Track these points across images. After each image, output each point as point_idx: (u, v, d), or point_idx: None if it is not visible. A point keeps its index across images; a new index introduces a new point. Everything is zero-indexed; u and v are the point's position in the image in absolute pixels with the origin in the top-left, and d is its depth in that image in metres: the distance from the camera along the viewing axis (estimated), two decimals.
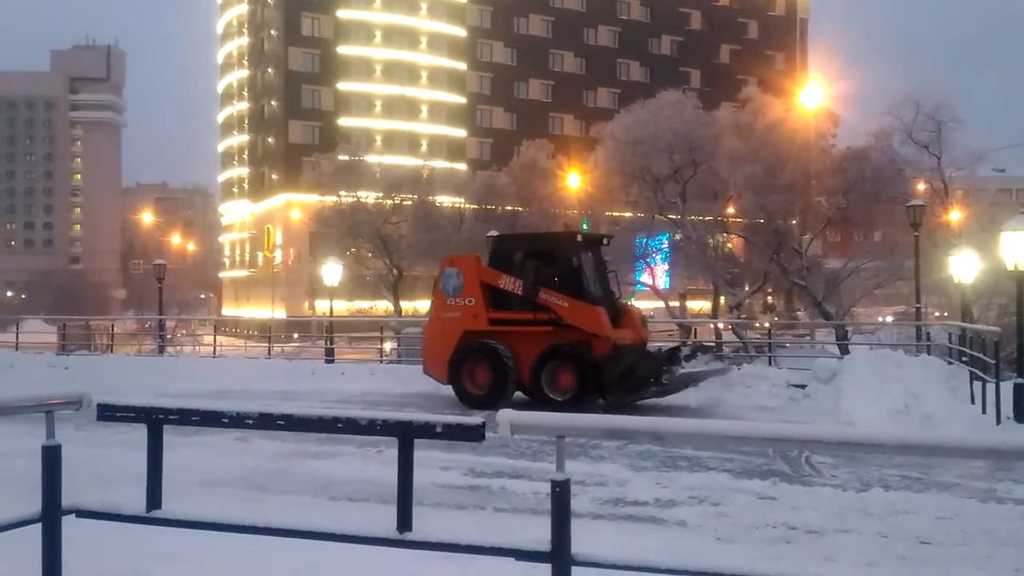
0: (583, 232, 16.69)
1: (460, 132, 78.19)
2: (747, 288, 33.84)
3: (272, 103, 75.38)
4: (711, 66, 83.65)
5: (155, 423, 4.10)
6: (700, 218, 32.48)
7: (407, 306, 41.34)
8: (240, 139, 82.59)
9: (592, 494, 8.30)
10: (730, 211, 32.90)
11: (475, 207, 39.44)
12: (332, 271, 27.35)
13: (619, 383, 14.40)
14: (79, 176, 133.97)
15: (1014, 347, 14.10)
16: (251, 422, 4.14)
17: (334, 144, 53.57)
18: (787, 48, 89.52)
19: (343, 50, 74.23)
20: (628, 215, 36.01)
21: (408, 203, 39.37)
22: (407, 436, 3.77)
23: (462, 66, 78.64)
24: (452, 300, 15.93)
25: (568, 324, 14.93)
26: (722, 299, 34.81)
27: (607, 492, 8.46)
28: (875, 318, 42.00)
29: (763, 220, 30.86)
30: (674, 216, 31.44)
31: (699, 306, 41.82)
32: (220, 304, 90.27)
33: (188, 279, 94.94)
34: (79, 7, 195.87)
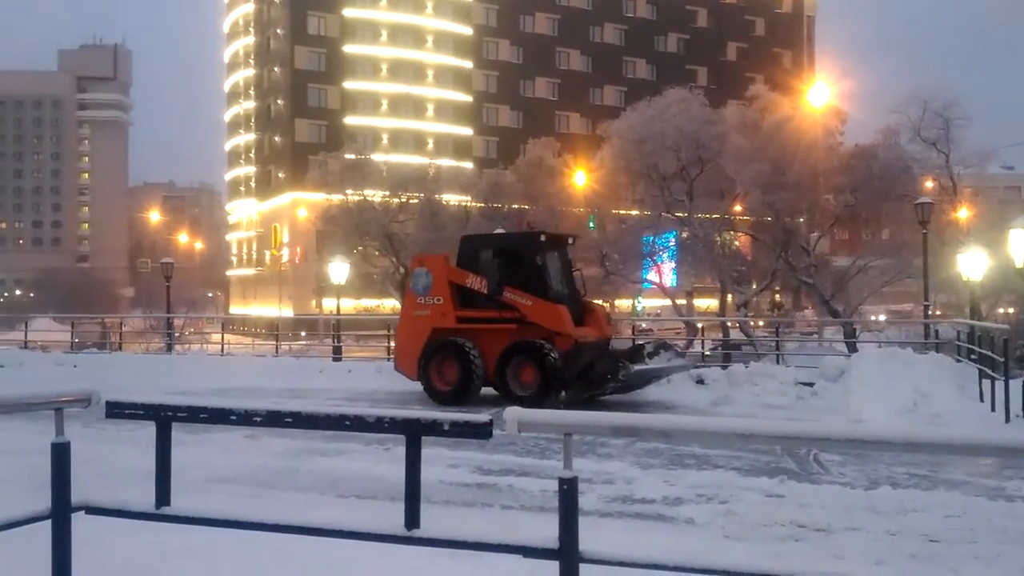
0: (547, 232, 17.26)
1: (466, 130, 78.22)
2: (754, 286, 33.73)
3: (279, 102, 75.51)
4: (718, 64, 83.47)
5: (163, 420, 4.11)
6: (707, 216, 32.35)
7: None
8: (247, 138, 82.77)
9: (600, 492, 8.30)
10: (737, 209, 32.74)
11: (481, 205, 39.40)
12: (339, 269, 27.43)
13: (578, 379, 14.79)
14: (87, 175, 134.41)
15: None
16: (259, 420, 4.14)
17: (340, 143, 53.68)
18: (794, 46, 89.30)
19: (349, 49, 74.31)
20: (635, 213, 35.88)
21: (414, 201, 39.37)
22: (415, 434, 3.77)
23: (468, 64, 78.66)
24: (422, 299, 16.42)
25: (532, 322, 15.38)
26: (729, 297, 34.70)
27: (615, 490, 8.46)
28: (870, 317, 41.53)
29: (770, 218, 30.74)
30: (681, 214, 31.33)
31: (706, 304, 41.68)
32: (228, 302, 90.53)
33: (196, 277, 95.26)
34: (86, 7, 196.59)
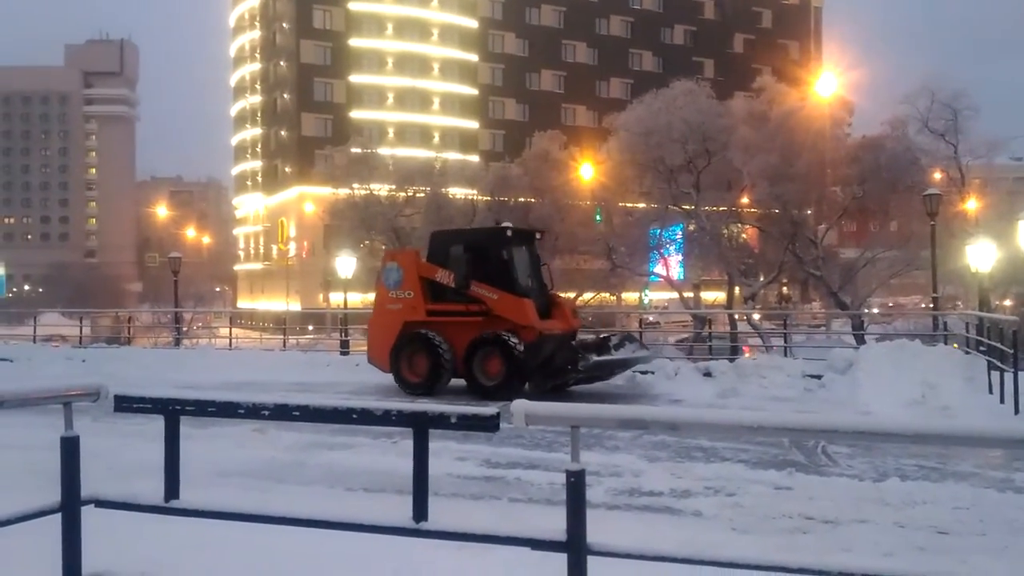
0: (513, 228, 17.96)
1: (472, 124, 78.13)
2: (762, 278, 33.66)
3: (285, 96, 75.54)
4: (725, 56, 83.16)
5: (172, 414, 4.12)
6: (714, 208, 32.28)
7: None
8: (253, 132, 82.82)
9: (607, 484, 8.30)
10: (744, 201, 32.66)
11: (488, 199, 39.31)
12: (346, 263, 27.46)
13: (539, 370, 15.24)
14: (94, 170, 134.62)
15: None
16: (267, 413, 4.15)
17: (347, 136, 53.56)
18: (801, 37, 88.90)
19: (355, 42, 74.25)
20: (642, 206, 35.79)
21: (421, 195, 39.32)
22: (422, 427, 3.78)
23: (474, 58, 78.53)
24: (393, 293, 16.85)
25: (498, 315, 15.70)
26: (736, 290, 34.63)
27: (622, 482, 8.45)
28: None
29: (778, 210, 30.65)
30: (688, 207, 31.26)
31: (713, 296, 41.58)
32: (235, 297, 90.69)
33: (203, 272, 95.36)
34: (92, 2, 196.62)
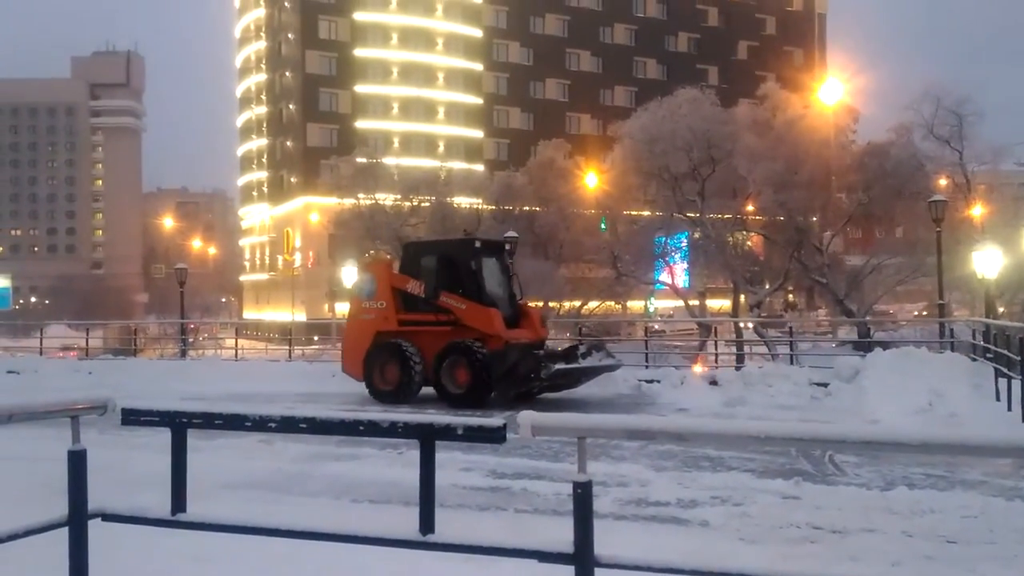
0: (482, 239, 18.45)
1: (477, 133, 78.27)
2: (767, 286, 33.60)
3: (290, 106, 75.78)
4: (729, 63, 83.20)
5: (178, 427, 4.12)
6: (719, 216, 32.25)
7: None
8: (259, 143, 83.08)
9: (614, 495, 8.28)
10: (749, 209, 32.63)
11: (493, 208, 39.41)
12: (351, 273, 27.52)
13: (504, 378, 15.46)
14: (100, 182, 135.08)
15: None
16: (274, 425, 4.14)
17: (352, 147, 53.75)
18: (805, 44, 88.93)
19: (360, 52, 74.51)
20: (646, 214, 35.82)
21: (426, 205, 39.43)
22: (428, 438, 3.77)
23: (478, 67, 78.73)
24: (366, 303, 17.27)
25: (466, 324, 16.07)
26: (742, 297, 34.60)
27: (629, 493, 8.43)
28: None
29: (783, 217, 30.63)
30: (693, 214, 31.25)
31: (719, 304, 41.54)
32: (241, 307, 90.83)
33: (209, 283, 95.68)
34: (99, 14, 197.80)
